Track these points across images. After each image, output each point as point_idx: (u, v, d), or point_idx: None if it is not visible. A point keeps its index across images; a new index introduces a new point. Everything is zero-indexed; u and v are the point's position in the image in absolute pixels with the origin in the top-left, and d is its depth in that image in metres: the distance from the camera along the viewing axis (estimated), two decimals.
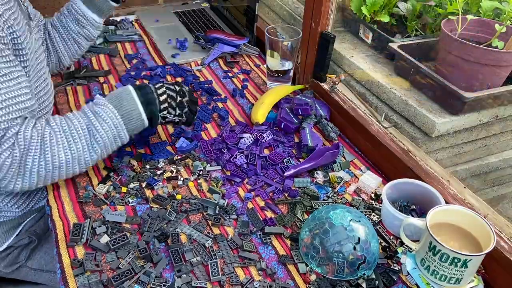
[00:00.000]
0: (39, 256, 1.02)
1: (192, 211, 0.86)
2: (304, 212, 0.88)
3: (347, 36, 1.38)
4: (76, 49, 1.13)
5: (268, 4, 1.58)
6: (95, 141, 0.81)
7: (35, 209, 1.01)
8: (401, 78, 1.18)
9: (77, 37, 1.10)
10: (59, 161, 0.79)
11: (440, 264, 0.72)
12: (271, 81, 1.23)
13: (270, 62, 1.19)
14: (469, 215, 0.77)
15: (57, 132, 0.79)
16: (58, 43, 1.10)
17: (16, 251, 1.00)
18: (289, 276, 0.77)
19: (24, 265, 1.01)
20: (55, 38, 1.10)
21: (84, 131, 0.80)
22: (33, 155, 0.76)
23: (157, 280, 0.73)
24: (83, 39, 1.11)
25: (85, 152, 0.81)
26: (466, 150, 1.16)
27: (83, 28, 1.09)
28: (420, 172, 0.92)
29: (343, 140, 1.09)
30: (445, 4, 1.19)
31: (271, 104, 1.13)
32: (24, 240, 0.99)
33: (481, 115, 1.08)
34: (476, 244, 0.76)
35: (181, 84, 0.95)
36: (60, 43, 1.11)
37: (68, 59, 1.13)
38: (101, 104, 0.82)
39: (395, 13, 1.31)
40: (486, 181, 1.25)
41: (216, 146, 1.01)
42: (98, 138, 0.81)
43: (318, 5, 1.07)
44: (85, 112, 0.82)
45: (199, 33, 1.44)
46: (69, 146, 0.79)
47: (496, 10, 1.17)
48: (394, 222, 0.83)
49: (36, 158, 0.76)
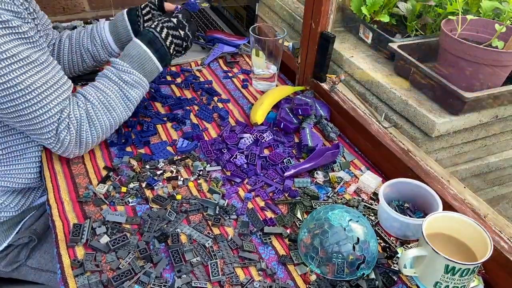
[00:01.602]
0: (39, 255, 1.03)
1: (192, 211, 0.86)
2: (304, 212, 0.88)
3: (347, 36, 1.38)
4: (79, 63, 1.12)
5: (268, 4, 1.58)
6: (129, 103, 0.95)
7: (33, 207, 1.01)
8: (401, 78, 1.19)
9: (84, 52, 1.11)
10: (105, 127, 0.92)
11: (460, 280, 0.71)
12: (256, 80, 1.24)
13: (255, 61, 1.19)
14: (463, 221, 0.76)
15: (97, 105, 0.90)
16: (64, 51, 1.11)
17: (16, 250, 1.00)
18: (289, 276, 0.77)
19: (24, 264, 1.01)
20: (64, 46, 1.11)
21: (119, 99, 0.93)
22: (85, 130, 0.89)
23: (157, 281, 0.73)
24: (89, 56, 1.11)
25: (123, 114, 0.94)
26: (466, 150, 1.16)
27: (94, 45, 1.10)
28: (420, 172, 0.92)
29: (343, 140, 1.09)
30: (445, 4, 1.19)
31: (270, 104, 1.13)
32: (24, 238, 1.00)
33: (481, 115, 1.08)
34: (467, 248, 0.76)
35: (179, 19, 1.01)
36: (66, 52, 1.11)
37: (68, 71, 1.13)
38: (127, 72, 0.93)
39: (395, 13, 1.31)
40: (486, 181, 1.25)
41: (216, 146, 1.01)
42: (132, 100, 0.95)
43: (318, 5, 1.07)
44: (115, 82, 0.92)
45: (199, 33, 1.44)
46: (110, 114, 0.92)
47: (496, 10, 1.17)
48: (391, 223, 0.82)
49: (87, 130, 0.90)
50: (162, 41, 0.97)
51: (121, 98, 0.93)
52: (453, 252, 0.75)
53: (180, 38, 1.00)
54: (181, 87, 1.22)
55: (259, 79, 1.23)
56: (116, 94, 0.92)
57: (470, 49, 1.05)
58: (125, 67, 0.93)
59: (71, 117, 0.87)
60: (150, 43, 0.95)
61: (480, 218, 0.82)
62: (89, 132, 0.90)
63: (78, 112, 0.88)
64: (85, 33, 1.11)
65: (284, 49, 1.29)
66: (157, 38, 0.96)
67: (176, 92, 1.21)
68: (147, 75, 0.96)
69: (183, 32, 1.00)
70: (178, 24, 1.00)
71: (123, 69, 0.92)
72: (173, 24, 0.99)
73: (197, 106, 1.15)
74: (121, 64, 0.93)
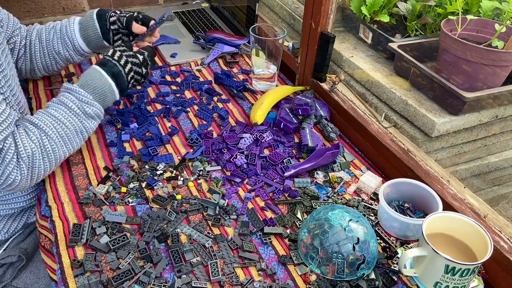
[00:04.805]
0: (25, 275, 0.98)
1: (192, 211, 0.86)
2: (304, 212, 0.88)
3: (347, 36, 1.38)
4: (53, 65, 1.10)
5: (268, 4, 1.58)
6: (86, 134, 0.91)
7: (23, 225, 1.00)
8: (401, 78, 1.18)
9: (57, 56, 1.08)
10: (59, 159, 0.87)
11: (460, 280, 0.71)
12: (256, 80, 1.24)
13: (255, 61, 1.19)
14: (463, 221, 0.76)
15: (54, 138, 0.84)
16: (36, 53, 1.07)
17: (2, 270, 0.96)
18: (289, 277, 0.77)
19: (10, 284, 0.97)
20: (35, 47, 1.07)
21: (77, 131, 0.88)
22: (38, 164, 0.83)
23: (157, 281, 0.73)
24: (62, 58, 1.08)
25: (78, 145, 0.90)
26: (466, 150, 1.16)
27: (66, 50, 1.07)
28: (420, 172, 0.92)
29: (343, 140, 1.09)
30: (445, 4, 1.19)
31: (270, 104, 1.13)
32: (12, 257, 0.96)
33: (481, 115, 1.08)
34: (467, 248, 0.76)
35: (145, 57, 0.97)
36: (38, 55, 1.07)
37: (42, 71, 1.11)
38: (90, 104, 0.88)
39: (395, 13, 1.31)
40: (486, 181, 1.25)
41: (216, 146, 1.01)
42: (89, 131, 0.91)
43: (318, 5, 1.07)
44: (75, 113, 0.87)
45: (199, 33, 1.44)
46: (66, 146, 0.87)
47: (496, 10, 1.17)
48: (391, 223, 0.82)
49: (41, 165, 0.83)
50: (125, 76, 0.93)
51: (79, 130, 0.88)
52: (453, 252, 0.75)
53: (141, 75, 0.97)
54: (181, 87, 1.22)
55: (259, 79, 1.23)
56: (75, 126, 0.87)
57: (470, 49, 1.05)
58: (88, 99, 0.88)
59: (22, 153, 0.79)
60: (114, 76, 0.92)
61: (480, 218, 0.82)
62: (42, 166, 0.83)
63: (29, 146, 0.80)
64: (54, 35, 1.06)
65: (284, 49, 1.29)
66: (121, 73, 0.92)
67: (176, 92, 1.21)
68: (104, 107, 0.92)
69: (145, 70, 0.97)
70: (143, 63, 0.97)
71: (86, 101, 0.88)
72: (139, 62, 0.96)
73: (197, 106, 1.15)
74: (83, 95, 0.87)
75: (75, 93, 0.87)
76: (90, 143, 1.01)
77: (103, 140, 1.02)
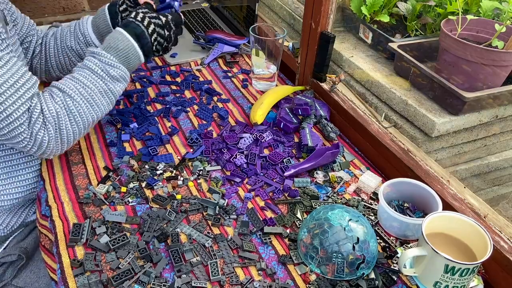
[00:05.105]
0: (25, 274, 0.98)
1: (192, 211, 0.86)
2: (304, 212, 0.88)
3: (347, 36, 1.38)
4: (66, 63, 1.09)
5: (268, 4, 1.58)
6: (113, 97, 0.90)
7: (23, 223, 1.00)
8: (401, 78, 1.18)
9: (70, 53, 1.07)
10: (87, 122, 0.87)
11: (460, 279, 0.71)
12: (256, 80, 1.24)
13: (255, 61, 1.19)
14: (463, 221, 0.76)
15: (79, 100, 0.85)
16: (51, 50, 1.07)
17: (2, 269, 0.96)
18: (289, 276, 0.77)
19: (10, 284, 0.96)
20: (50, 44, 1.07)
21: (102, 93, 0.88)
22: (65, 126, 0.83)
23: (157, 280, 0.73)
24: (75, 54, 1.07)
25: (106, 108, 0.90)
26: (466, 150, 1.16)
27: (78, 44, 1.06)
28: (420, 172, 0.92)
29: (343, 140, 1.09)
30: (445, 4, 1.19)
31: (270, 104, 1.13)
32: (12, 256, 0.95)
33: (481, 115, 1.08)
34: (467, 248, 0.76)
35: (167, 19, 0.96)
36: (53, 52, 1.07)
37: (57, 71, 1.10)
38: (113, 66, 0.88)
39: (395, 13, 1.31)
40: (486, 181, 1.25)
41: (216, 146, 1.01)
42: (116, 94, 0.90)
43: (318, 5, 1.07)
44: (99, 75, 0.87)
45: (199, 33, 1.44)
46: (92, 109, 0.87)
47: (496, 10, 1.17)
48: (391, 223, 0.82)
49: (68, 127, 0.84)
50: (149, 37, 0.92)
51: (104, 93, 0.88)
52: (453, 252, 0.75)
53: (164, 37, 0.95)
54: (181, 87, 1.22)
55: (259, 79, 1.23)
56: (100, 88, 0.87)
57: (470, 49, 1.05)
58: (112, 61, 0.88)
59: (46, 114, 0.81)
60: (138, 37, 0.91)
61: (480, 218, 0.82)
62: (70, 129, 0.84)
63: (53, 108, 0.82)
64: (68, 31, 1.06)
65: (284, 49, 1.29)
66: (144, 33, 0.91)
67: (176, 92, 1.21)
68: (130, 69, 0.92)
69: (168, 33, 0.96)
70: (166, 24, 0.95)
71: (109, 63, 0.88)
72: (161, 23, 0.94)
73: (197, 106, 1.16)
74: (106, 57, 0.87)
75: (99, 56, 0.87)
76: (90, 143, 1.01)
77: (103, 140, 1.02)
